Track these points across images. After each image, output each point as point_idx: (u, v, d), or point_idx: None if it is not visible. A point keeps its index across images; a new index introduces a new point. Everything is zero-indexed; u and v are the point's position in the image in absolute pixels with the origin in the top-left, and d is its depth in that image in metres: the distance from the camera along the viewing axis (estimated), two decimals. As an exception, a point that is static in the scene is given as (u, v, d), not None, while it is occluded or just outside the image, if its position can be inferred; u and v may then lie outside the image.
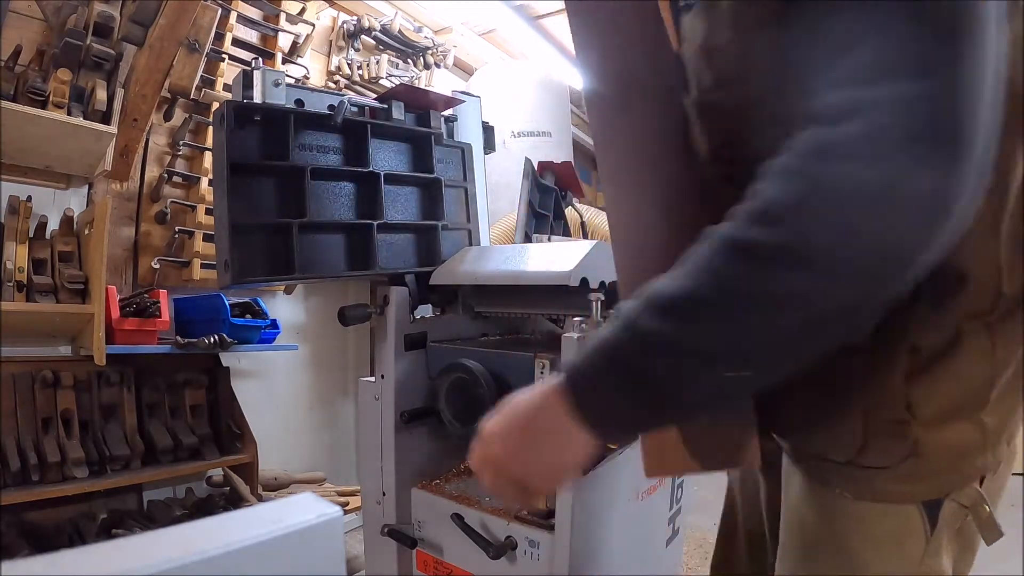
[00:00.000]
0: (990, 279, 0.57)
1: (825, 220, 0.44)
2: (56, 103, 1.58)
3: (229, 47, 2.13)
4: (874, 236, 0.43)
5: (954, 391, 0.59)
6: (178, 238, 1.99)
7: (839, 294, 0.45)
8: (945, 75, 0.42)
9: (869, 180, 0.42)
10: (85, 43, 1.66)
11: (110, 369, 1.73)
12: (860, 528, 0.65)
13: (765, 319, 0.46)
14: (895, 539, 0.64)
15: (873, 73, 0.44)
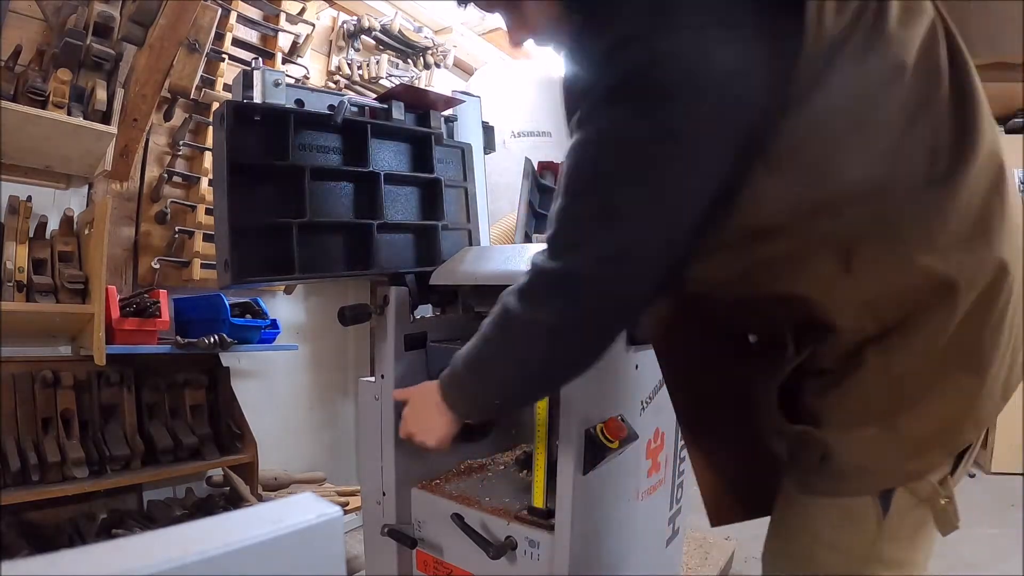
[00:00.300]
0: (856, 316, 0.67)
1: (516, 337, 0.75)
2: (56, 103, 1.58)
3: (229, 47, 2.13)
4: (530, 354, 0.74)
5: (856, 402, 0.70)
6: (178, 238, 1.99)
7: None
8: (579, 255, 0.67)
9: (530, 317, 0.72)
10: (85, 43, 1.66)
11: (110, 369, 1.73)
12: (820, 509, 0.75)
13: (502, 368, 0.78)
14: (847, 517, 0.72)
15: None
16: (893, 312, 0.66)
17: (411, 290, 1.21)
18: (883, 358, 0.67)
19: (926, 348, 0.66)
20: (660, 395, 1.18)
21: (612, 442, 0.95)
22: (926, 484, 0.69)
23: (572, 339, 0.69)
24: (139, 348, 1.76)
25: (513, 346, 0.74)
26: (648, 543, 1.23)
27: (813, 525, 0.75)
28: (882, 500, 0.70)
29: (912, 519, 0.71)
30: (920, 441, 0.68)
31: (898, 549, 0.72)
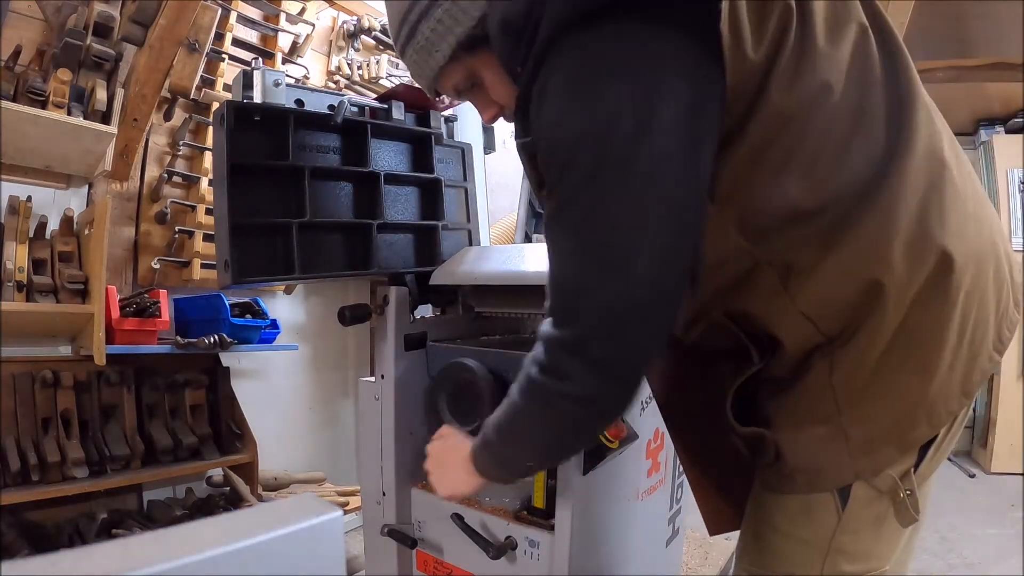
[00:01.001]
0: (801, 329, 0.70)
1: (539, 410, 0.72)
2: (56, 103, 1.58)
3: (229, 47, 2.13)
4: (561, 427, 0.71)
5: (803, 404, 0.73)
6: (178, 238, 1.99)
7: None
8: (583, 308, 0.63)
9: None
10: (85, 43, 1.66)
11: (110, 369, 1.73)
12: (781, 503, 0.77)
13: (532, 434, 0.75)
14: (806, 511, 0.75)
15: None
16: (832, 321, 0.69)
17: (411, 290, 1.21)
18: (827, 363, 0.70)
19: (865, 352, 0.68)
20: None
21: (612, 442, 0.95)
22: (886, 477, 0.70)
23: (606, 399, 0.67)
24: (139, 348, 1.76)
25: (545, 415, 0.71)
26: (648, 543, 1.23)
27: (775, 519, 0.77)
28: (840, 493, 0.72)
29: (873, 512, 0.72)
30: (868, 440, 0.70)
31: (859, 541, 0.73)
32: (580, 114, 0.59)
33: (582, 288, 0.63)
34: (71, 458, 1.61)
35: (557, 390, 0.66)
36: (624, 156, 0.57)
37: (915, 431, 0.70)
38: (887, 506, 0.72)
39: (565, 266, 0.65)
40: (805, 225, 0.65)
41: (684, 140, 0.58)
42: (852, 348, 0.69)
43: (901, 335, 0.67)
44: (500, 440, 0.78)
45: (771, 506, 0.78)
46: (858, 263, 0.65)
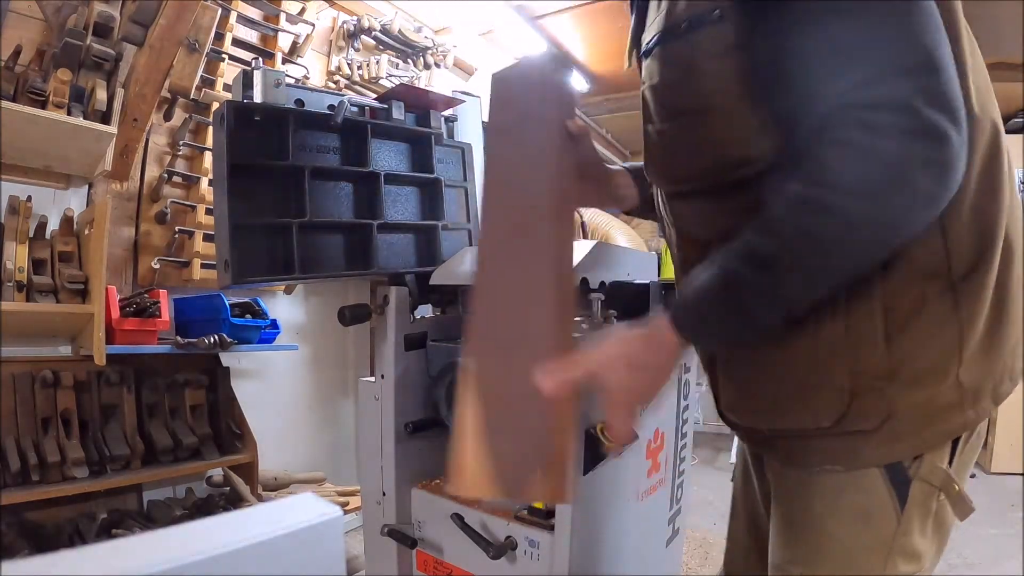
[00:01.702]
0: (933, 239, 0.64)
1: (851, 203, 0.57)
2: (56, 103, 1.58)
3: (229, 47, 2.13)
4: (887, 218, 0.57)
5: (927, 352, 0.65)
6: (178, 238, 1.99)
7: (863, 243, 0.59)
8: (924, 74, 0.55)
9: (880, 177, 0.56)
10: (85, 43, 1.66)
11: (110, 369, 1.73)
12: (832, 507, 0.71)
13: (815, 258, 0.60)
14: (864, 516, 0.69)
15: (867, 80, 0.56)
16: (964, 246, 0.65)
17: (411, 290, 1.21)
18: (950, 297, 0.65)
19: (988, 289, 0.66)
20: (660, 395, 1.18)
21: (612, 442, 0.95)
22: (939, 471, 0.68)
23: (961, 167, 0.56)
24: (139, 348, 1.76)
25: (895, 193, 0.56)
26: (648, 543, 1.23)
27: (835, 509, 0.71)
28: (898, 492, 0.68)
29: (928, 508, 0.69)
30: (976, 388, 0.67)
31: (916, 540, 0.70)
32: None
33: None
34: (71, 458, 1.61)
35: (928, 158, 0.54)
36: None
37: (1004, 385, 0.68)
38: (943, 505, 0.69)
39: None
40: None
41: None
42: (976, 283, 0.65)
43: (1007, 284, 0.67)
44: (769, 266, 0.60)
45: (828, 499, 0.71)
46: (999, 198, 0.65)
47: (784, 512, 0.78)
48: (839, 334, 0.67)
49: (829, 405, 0.68)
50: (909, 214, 0.57)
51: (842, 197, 0.56)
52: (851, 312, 0.66)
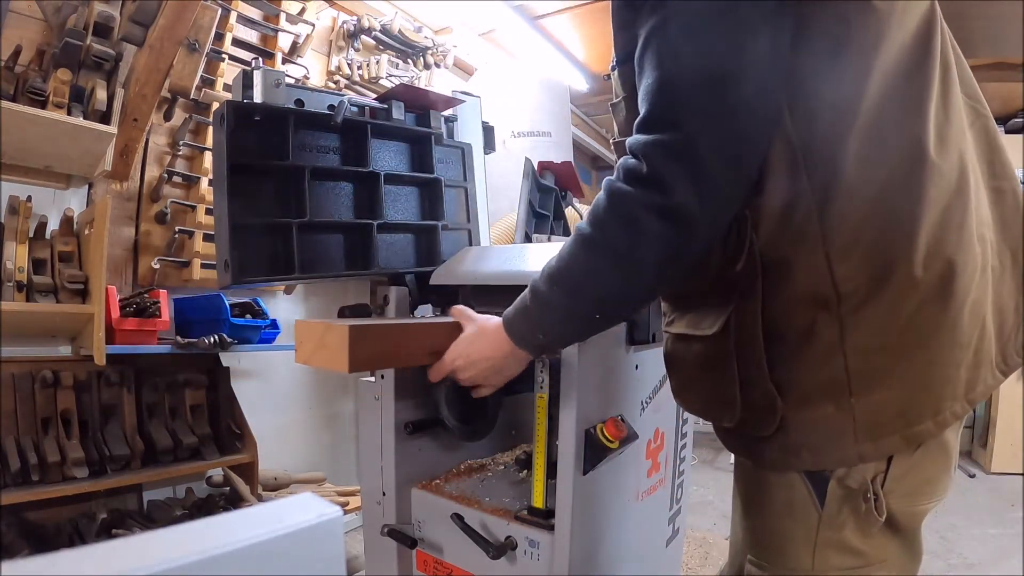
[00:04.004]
0: (817, 268, 0.66)
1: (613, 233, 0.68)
2: (56, 103, 1.58)
3: (229, 47, 2.13)
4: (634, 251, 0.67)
5: (815, 376, 0.68)
6: (178, 238, 1.99)
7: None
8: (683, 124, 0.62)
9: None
10: (85, 43, 1.66)
11: (110, 369, 1.73)
12: (761, 496, 0.77)
13: (587, 282, 0.73)
14: (787, 508, 0.73)
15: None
16: (851, 271, 0.65)
17: (411, 290, 1.21)
18: (837, 330, 0.66)
19: (882, 320, 0.65)
20: (660, 395, 1.18)
21: (612, 442, 0.95)
22: (857, 476, 0.69)
23: (704, 217, 0.62)
24: (139, 348, 1.76)
25: (628, 239, 0.65)
26: (648, 543, 1.23)
27: (769, 505, 0.76)
28: (816, 489, 0.71)
29: (851, 507, 0.71)
30: (875, 424, 0.67)
31: (844, 537, 0.71)
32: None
33: (691, 92, 0.61)
34: (71, 458, 1.61)
35: (651, 203, 0.62)
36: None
37: (921, 424, 0.67)
38: (862, 504, 0.70)
39: (677, 67, 0.62)
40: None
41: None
42: (869, 315, 0.65)
43: (915, 318, 0.64)
44: (553, 288, 0.73)
45: (758, 488, 0.77)
46: (890, 224, 0.64)
47: (734, 498, 0.85)
48: (731, 349, 0.72)
49: (728, 409, 0.74)
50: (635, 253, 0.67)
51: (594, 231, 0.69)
52: (738, 329, 0.71)
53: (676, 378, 0.85)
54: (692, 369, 0.81)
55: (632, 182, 0.64)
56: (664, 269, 0.69)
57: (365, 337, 0.83)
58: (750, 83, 0.61)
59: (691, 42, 0.62)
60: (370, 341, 0.84)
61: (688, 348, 0.80)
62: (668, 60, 0.62)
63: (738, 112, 0.61)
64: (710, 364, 0.75)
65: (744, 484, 0.82)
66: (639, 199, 0.64)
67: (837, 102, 0.63)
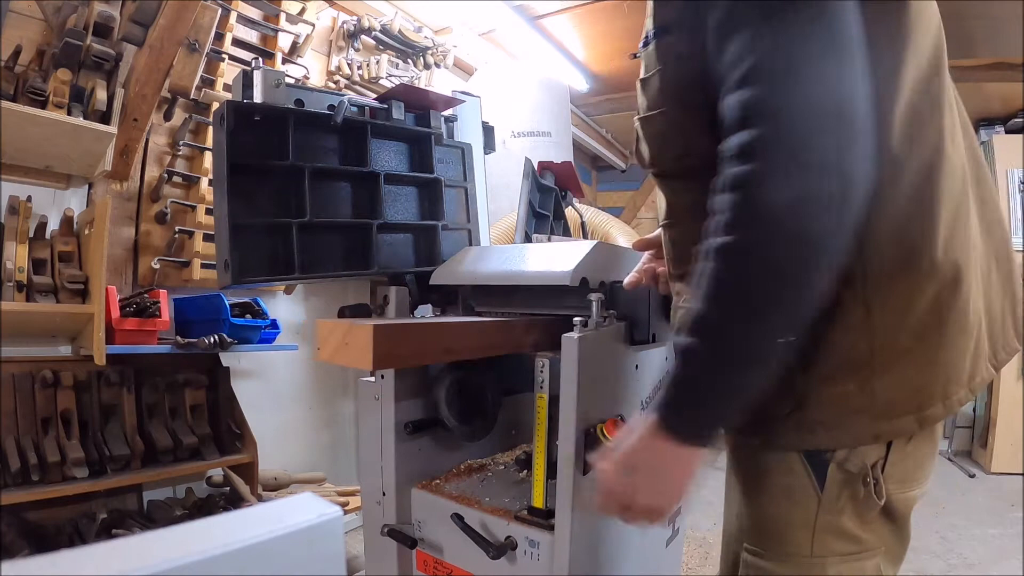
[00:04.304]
0: (847, 247, 0.64)
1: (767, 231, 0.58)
2: (56, 103, 1.58)
3: (229, 47, 2.13)
4: (795, 234, 0.56)
5: (837, 353, 0.68)
6: (178, 238, 1.99)
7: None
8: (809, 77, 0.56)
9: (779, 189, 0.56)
10: (85, 43, 1.66)
11: (110, 369, 1.73)
12: (760, 481, 0.76)
13: (753, 311, 0.60)
14: (786, 493, 0.74)
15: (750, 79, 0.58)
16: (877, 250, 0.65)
17: (411, 290, 1.21)
18: (863, 308, 0.66)
19: (905, 303, 0.67)
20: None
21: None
22: (857, 461, 0.70)
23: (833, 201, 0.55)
24: (139, 348, 1.76)
25: (764, 271, 0.57)
26: (648, 543, 1.23)
27: (768, 490, 0.76)
28: (814, 468, 0.72)
29: (850, 493, 0.72)
30: (892, 403, 0.68)
31: (843, 521, 0.73)
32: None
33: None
34: (71, 458, 1.61)
35: (759, 232, 0.56)
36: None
37: (932, 407, 0.68)
38: (861, 489, 0.71)
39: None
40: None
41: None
42: (893, 300, 0.66)
43: (935, 302, 0.66)
44: (702, 364, 0.62)
45: (758, 474, 0.76)
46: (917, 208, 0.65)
47: (729, 487, 0.83)
48: None
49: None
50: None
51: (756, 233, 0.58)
52: None
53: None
54: None
55: (733, 219, 0.58)
56: (811, 275, 0.60)
57: (388, 336, 0.85)
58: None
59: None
60: (393, 339, 0.86)
61: None
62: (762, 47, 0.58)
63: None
64: None
65: (743, 470, 0.81)
66: (748, 227, 0.58)
67: (880, 93, 0.63)
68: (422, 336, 0.92)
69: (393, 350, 0.86)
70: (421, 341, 0.92)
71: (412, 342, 0.91)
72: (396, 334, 0.87)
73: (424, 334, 0.93)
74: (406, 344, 0.89)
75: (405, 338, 0.89)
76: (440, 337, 0.95)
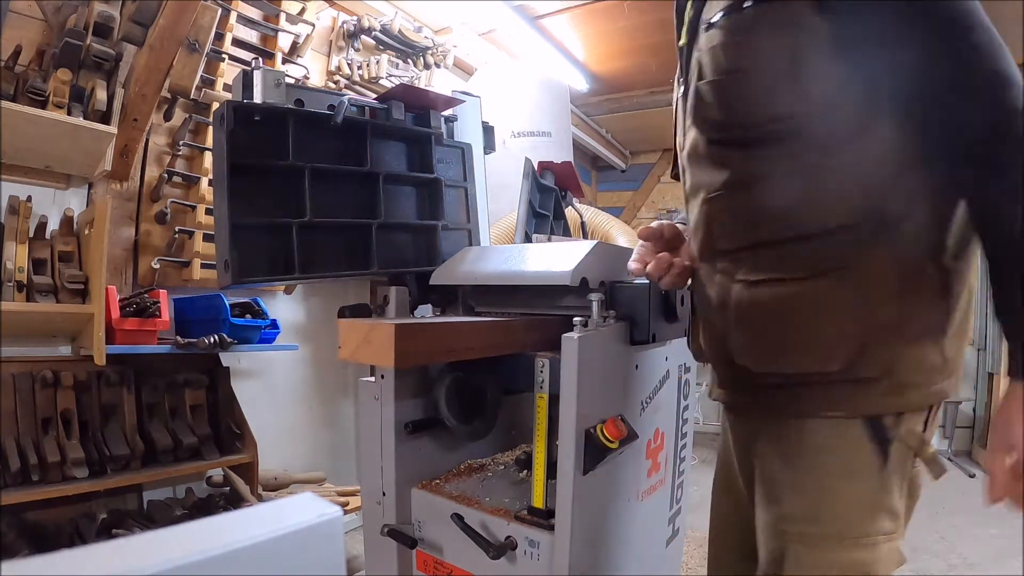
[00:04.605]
0: (935, 224, 0.73)
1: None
2: (56, 103, 1.58)
3: (229, 47, 2.13)
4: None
5: (926, 316, 0.74)
6: (178, 238, 1.99)
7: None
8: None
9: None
10: (85, 43, 1.66)
11: (110, 369, 1.73)
12: (817, 461, 0.77)
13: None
14: (847, 471, 0.76)
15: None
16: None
17: (411, 290, 1.21)
18: (943, 276, 0.74)
19: (970, 278, 0.77)
20: (660, 395, 1.18)
21: (612, 442, 0.95)
22: (915, 434, 0.75)
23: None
24: (139, 348, 1.76)
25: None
26: (648, 543, 1.23)
27: (821, 465, 0.77)
28: (881, 450, 0.75)
29: (905, 470, 0.76)
30: (951, 359, 0.76)
31: (894, 499, 0.76)
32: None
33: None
34: (71, 458, 1.61)
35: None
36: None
37: (961, 371, 0.79)
38: (915, 467, 0.76)
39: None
40: None
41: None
42: (959, 272, 0.74)
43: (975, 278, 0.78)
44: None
45: (815, 455, 0.77)
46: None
47: (777, 470, 0.82)
48: (853, 287, 0.74)
49: (841, 350, 0.75)
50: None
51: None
52: (862, 268, 0.74)
53: (756, 327, 0.81)
54: (788, 314, 0.78)
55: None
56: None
57: (409, 334, 0.89)
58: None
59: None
60: (413, 337, 0.90)
61: (783, 291, 0.78)
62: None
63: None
64: (820, 306, 0.76)
65: (793, 452, 0.80)
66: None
67: None
68: (440, 335, 0.96)
69: (413, 347, 0.90)
70: (438, 339, 0.96)
71: (430, 340, 0.94)
72: (416, 332, 0.91)
73: (441, 333, 0.97)
74: (425, 342, 0.93)
75: (424, 336, 0.93)
76: (457, 336, 0.98)
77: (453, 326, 1.00)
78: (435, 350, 0.96)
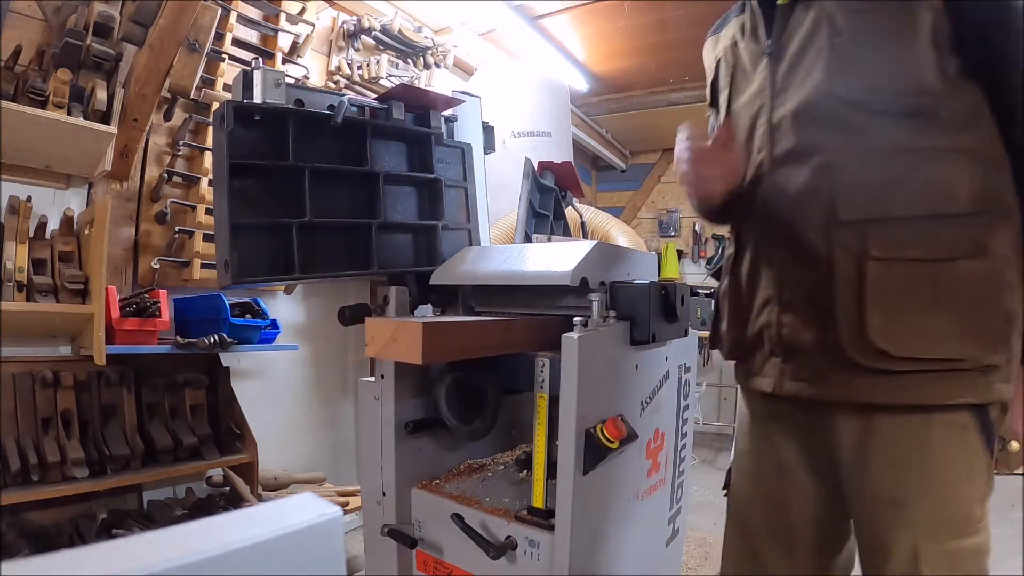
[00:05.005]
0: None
1: None
2: (56, 103, 1.58)
3: (229, 47, 2.13)
4: None
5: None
6: (178, 238, 1.99)
7: None
8: None
9: None
10: (85, 43, 1.66)
11: (110, 369, 1.73)
12: (941, 463, 0.81)
13: None
14: (969, 473, 0.82)
15: None
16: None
17: (411, 290, 1.21)
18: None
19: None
20: (660, 395, 1.18)
21: (612, 442, 0.95)
22: (1007, 426, 0.82)
23: None
24: (139, 348, 1.76)
25: None
26: (648, 543, 1.23)
27: (947, 463, 0.81)
28: (988, 444, 0.80)
29: (993, 463, 0.82)
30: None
31: (990, 488, 0.83)
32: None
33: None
34: (71, 458, 1.61)
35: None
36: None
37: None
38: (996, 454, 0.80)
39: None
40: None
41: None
42: None
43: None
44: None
45: (942, 453, 0.81)
46: None
47: (898, 471, 0.84)
48: (992, 272, 0.77)
49: (1001, 337, 0.77)
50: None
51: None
52: (994, 252, 0.76)
53: (908, 308, 0.79)
54: (951, 296, 0.78)
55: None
56: None
57: (436, 332, 0.94)
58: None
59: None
60: (439, 336, 0.95)
61: (934, 271, 0.77)
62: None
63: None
64: (982, 290, 0.77)
65: (917, 453, 0.82)
66: None
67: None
68: (462, 333, 1.02)
69: (439, 345, 0.95)
70: (461, 337, 1.01)
71: (454, 338, 1.00)
72: (442, 331, 0.97)
73: (463, 331, 1.02)
74: (449, 340, 0.98)
75: (448, 334, 0.99)
76: (478, 334, 1.04)
77: (473, 325, 1.05)
78: (456, 347, 1.01)
